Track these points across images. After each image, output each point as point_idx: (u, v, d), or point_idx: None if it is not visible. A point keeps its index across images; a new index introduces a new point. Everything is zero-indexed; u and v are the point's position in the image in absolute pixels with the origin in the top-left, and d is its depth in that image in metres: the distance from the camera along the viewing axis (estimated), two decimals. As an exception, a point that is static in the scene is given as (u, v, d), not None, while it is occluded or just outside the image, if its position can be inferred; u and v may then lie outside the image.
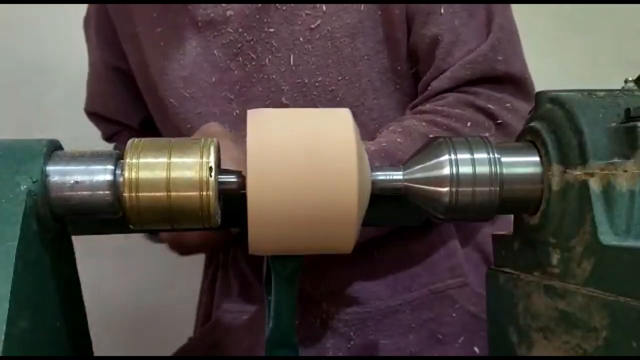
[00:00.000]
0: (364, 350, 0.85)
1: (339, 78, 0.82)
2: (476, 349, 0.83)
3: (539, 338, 0.54)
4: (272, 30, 0.83)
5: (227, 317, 0.92)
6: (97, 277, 1.04)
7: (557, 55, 1.32)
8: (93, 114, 1.03)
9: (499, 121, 0.77)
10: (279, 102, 0.84)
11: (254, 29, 0.83)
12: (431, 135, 0.70)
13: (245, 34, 0.83)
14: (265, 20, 0.83)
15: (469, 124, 0.76)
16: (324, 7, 0.81)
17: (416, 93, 0.85)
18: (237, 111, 0.85)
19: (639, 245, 0.44)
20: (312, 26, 0.81)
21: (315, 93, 0.83)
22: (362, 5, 0.81)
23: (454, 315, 0.84)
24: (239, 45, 0.84)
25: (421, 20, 0.80)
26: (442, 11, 0.78)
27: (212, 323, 0.94)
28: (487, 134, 0.73)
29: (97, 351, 0.61)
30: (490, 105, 0.77)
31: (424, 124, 0.77)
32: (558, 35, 1.33)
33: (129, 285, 1.46)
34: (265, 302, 0.61)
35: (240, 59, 0.84)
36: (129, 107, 0.99)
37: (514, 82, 0.80)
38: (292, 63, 0.82)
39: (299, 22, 0.82)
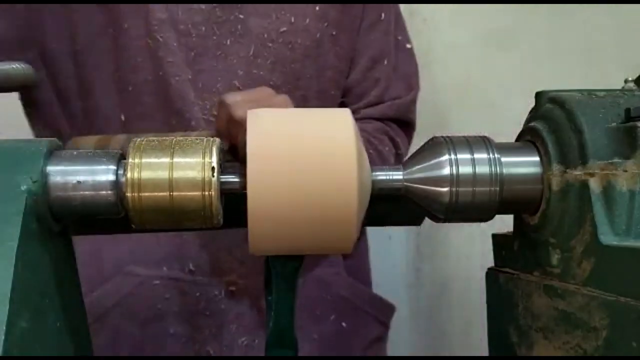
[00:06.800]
0: (259, 317, 0.93)
1: (286, 85, 0.94)
2: (344, 324, 1.00)
3: (539, 338, 0.54)
4: (242, 16, 0.91)
5: (133, 279, 0.93)
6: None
7: (557, 55, 1.32)
8: None
9: (399, 151, 1.03)
10: (232, 83, 0.91)
11: (226, 9, 0.91)
12: (370, 151, 0.94)
13: (216, 9, 0.91)
14: (239, 5, 0.92)
15: (386, 148, 1.00)
16: (292, 18, 0.93)
17: None
18: (190, 76, 0.91)
19: (639, 245, 0.44)
20: (280, 30, 0.93)
21: None
22: (319, 33, 0.95)
23: (328, 297, 1.00)
24: (207, 17, 0.91)
25: (368, 64, 1.01)
26: (386, 62, 1.03)
27: (118, 282, 0.94)
28: (392, 159, 1.00)
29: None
30: (398, 139, 1.04)
31: (361, 139, 0.88)
32: (558, 35, 1.33)
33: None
34: (265, 302, 0.61)
35: (203, 28, 0.90)
36: None
37: (411, 126, 1.08)
38: (251, 53, 0.92)
39: (269, 21, 0.92)
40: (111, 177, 0.50)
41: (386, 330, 1.08)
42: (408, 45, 1.08)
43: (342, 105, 1.02)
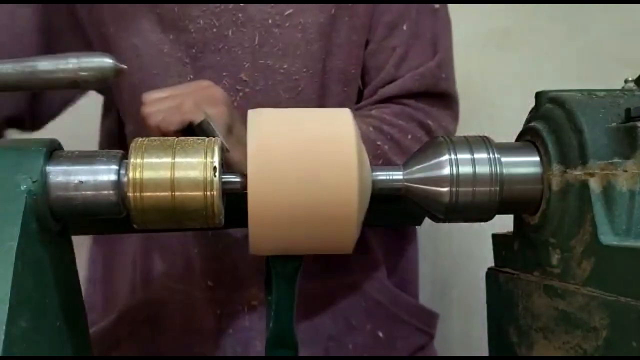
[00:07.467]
0: None
1: (304, 70, 0.86)
2: (380, 334, 0.93)
3: (539, 338, 0.54)
4: (240, 4, 0.84)
5: (162, 293, 0.92)
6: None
7: (557, 55, 1.31)
8: None
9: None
10: (238, 77, 0.85)
11: None
12: (378, 142, 0.82)
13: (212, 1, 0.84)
14: None
15: (409, 136, 0.85)
16: None
17: (357, 100, 0.90)
18: (191, 76, 0.85)
19: (639, 245, 0.44)
20: (285, 13, 0.84)
21: (278, 78, 0.85)
22: (333, 9, 0.85)
23: (364, 304, 0.93)
24: (204, 9, 0.84)
25: (384, 33, 0.88)
26: (405, 27, 0.88)
27: (148, 296, 0.93)
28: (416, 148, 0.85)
29: (97, 351, 0.62)
30: (429, 121, 0.87)
31: (371, 129, 0.83)
32: (558, 35, 1.33)
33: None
34: (265, 302, 0.61)
35: (200, 21, 0.84)
36: None
37: (449, 99, 0.90)
38: (256, 42, 0.84)
39: (271, 5, 0.84)
40: (113, 177, 0.50)
41: (430, 339, 1.00)
42: (436, 6, 0.91)
43: (362, 85, 0.91)
